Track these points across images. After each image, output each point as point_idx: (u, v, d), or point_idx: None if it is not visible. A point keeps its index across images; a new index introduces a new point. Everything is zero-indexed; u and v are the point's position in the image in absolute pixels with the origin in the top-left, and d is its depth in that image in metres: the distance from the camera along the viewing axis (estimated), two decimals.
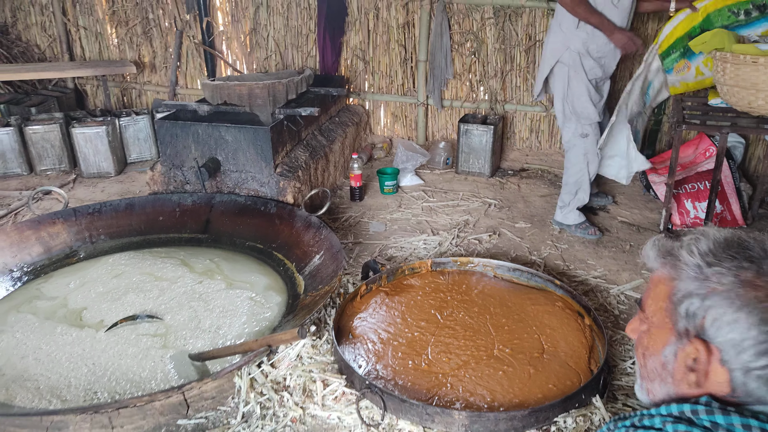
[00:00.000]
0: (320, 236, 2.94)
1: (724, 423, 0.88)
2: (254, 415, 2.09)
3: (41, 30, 5.44)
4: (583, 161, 3.38)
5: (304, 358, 2.31)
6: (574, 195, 3.45)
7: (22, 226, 3.01)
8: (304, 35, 4.82)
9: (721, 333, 0.93)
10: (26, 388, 2.16)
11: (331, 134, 4.17)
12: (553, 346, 2.36)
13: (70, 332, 2.46)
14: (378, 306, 2.60)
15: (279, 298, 2.74)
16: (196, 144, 3.46)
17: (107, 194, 4.11)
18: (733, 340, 0.92)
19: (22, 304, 2.68)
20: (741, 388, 0.93)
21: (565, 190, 3.49)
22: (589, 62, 3.20)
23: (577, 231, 3.46)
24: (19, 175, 4.36)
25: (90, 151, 4.36)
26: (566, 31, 3.18)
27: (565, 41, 3.19)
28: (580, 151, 3.36)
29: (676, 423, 0.90)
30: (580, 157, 3.37)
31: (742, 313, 0.91)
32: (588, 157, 3.37)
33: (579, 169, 3.40)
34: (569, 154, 3.43)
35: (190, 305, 2.63)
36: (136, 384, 2.21)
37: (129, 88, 5.49)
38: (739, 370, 0.92)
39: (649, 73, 3.36)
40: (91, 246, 3.19)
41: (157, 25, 5.15)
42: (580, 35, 3.15)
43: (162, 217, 3.36)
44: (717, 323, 0.93)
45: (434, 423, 1.98)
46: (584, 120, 3.30)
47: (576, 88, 3.23)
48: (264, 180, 3.42)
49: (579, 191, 3.43)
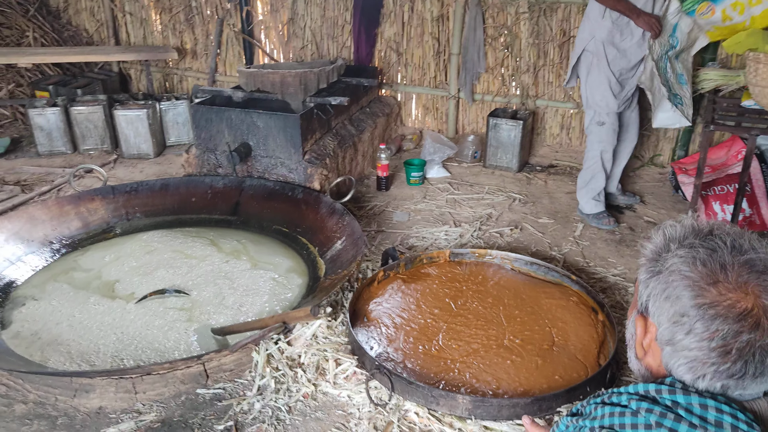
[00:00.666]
0: (343, 222, 3.03)
1: (684, 402, 0.93)
2: (269, 389, 2.19)
3: (90, 15, 5.67)
4: (597, 148, 3.44)
5: (320, 337, 2.41)
6: (587, 182, 3.52)
7: (62, 201, 3.18)
8: (339, 26, 4.90)
9: (656, 312, 1.00)
10: (59, 351, 2.31)
11: (361, 124, 4.25)
12: (564, 339, 2.40)
13: (102, 302, 2.61)
14: (394, 292, 2.67)
15: (300, 280, 2.84)
16: (229, 129, 3.58)
17: (145, 174, 4.28)
18: (664, 320, 0.98)
19: (59, 274, 2.85)
20: (671, 367, 0.98)
21: (581, 173, 3.60)
22: (613, 52, 3.24)
23: (593, 221, 3.52)
24: (63, 154, 4.58)
25: (131, 132, 4.54)
26: (593, 20, 3.25)
27: (591, 30, 3.26)
28: (596, 138, 3.43)
29: (641, 401, 0.95)
30: (595, 144, 3.44)
31: (674, 296, 0.96)
32: (602, 146, 3.42)
33: (593, 156, 3.46)
34: (588, 140, 3.53)
35: (215, 282, 2.75)
36: (161, 353, 2.34)
37: (171, 74, 5.67)
38: (667, 350, 0.98)
39: (668, 15, 3.30)
40: (127, 223, 3.34)
41: (199, 12, 5.30)
42: (605, 24, 3.20)
43: (194, 198, 3.49)
44: (655, 303, 0.99)
45: (439, 405, 2.04)
46: (600, 109, 3.35)
47: (596, 77, 3.31)
48: (292, 166, 3.52)
49: (592, 179, 3.49)
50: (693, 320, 0.94)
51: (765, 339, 0.91)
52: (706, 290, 0.94)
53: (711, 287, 0.94)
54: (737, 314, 0.92)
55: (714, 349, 0.93)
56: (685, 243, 1.01)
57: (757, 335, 0.91)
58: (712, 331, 0.93)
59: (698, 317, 0.94)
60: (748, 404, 0.96)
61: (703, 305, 0.94)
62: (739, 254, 0.97)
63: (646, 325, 1.05)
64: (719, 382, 0.95)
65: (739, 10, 3.17)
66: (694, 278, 0.96)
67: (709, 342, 0.93)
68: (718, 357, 0.93)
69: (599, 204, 3.53)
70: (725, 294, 0.93)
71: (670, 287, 0.98)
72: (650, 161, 4.45)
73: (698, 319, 0.94)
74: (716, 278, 0.95)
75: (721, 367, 0.93)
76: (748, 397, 0.96)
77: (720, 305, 0.93)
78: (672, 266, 0.99)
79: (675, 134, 4.36)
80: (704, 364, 0.94)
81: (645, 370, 1.08)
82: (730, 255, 0.97)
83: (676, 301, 0.97)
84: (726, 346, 0.92)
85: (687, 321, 0.95)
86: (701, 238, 1.00)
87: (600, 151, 3.42)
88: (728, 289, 0.94)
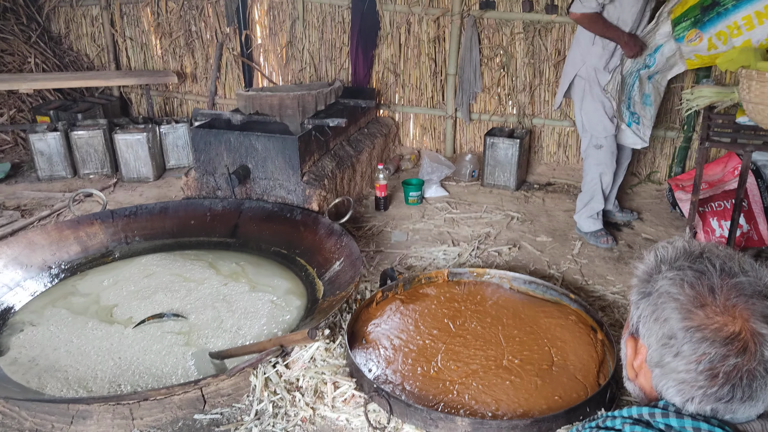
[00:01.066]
0: (341, 243, 3.03)
1: (677, 426, 0.92)
2: (267, 414, 2.18)
3: (91, 40, 5.74)
4: (596, 171, 3.46)
5: (318, 360, 2.40)
6: (586, 203, 3.55)
7: (61, 226, 3.19)
8: (337, 48, 4.95)
9: (646, 333, 1.00)
10: (56, 377, 2.31)
11: (359, 145, 4.27)
12: (563, 359, 2.39)
13: (100, 327, 2.60)
14: (392, 313, 2.67)
15: (299, 302, 2.84)
16: (228, 151, 3.60)
17: (145, 198, 4.30)
18: (653, 342, 0.98)
19: (58, 299, 2.85)
20: (660, 389, 0.98)
21: (580, 196, 3.62)
22: (605, 77, 3.27)
23: (590, 239, 3.54)
24: (63, 178, 4.60)
25: (131, 156, 4.57)
26: (583, 46, 3.28)
27: (582, 56, 3.30)
28: (593, 162, 3.46)
29: (634, 425, 0.95)
30: (593, 167, 3.47)
31: (663, 318, 0.96)
32: (601, 168, 3.45)
33: (592, 179, 3.49)
34: (585, 164, 3.55)
35: (214, 306, 2.75)
36: (158, 378, 2.33)
37: (171, 97, 5.72)
38: (656, 372, 0.98)
39: (656, 35, 3.33)
40: (126, 246, 3.35)
41: (199, 37, 5.36)
42: (596, 50, 3.24)
43: (194, 221, 3.50)
44: (645, 324, 0.99)
45: (438, 428, 2.03)
46: (598, 133, 3.39)
47: (590, 103, 3.35)
48: (291, 187, 3.53)
49: (591, 201, 3.52)
50: (681, 343, 0.94)
51: (752, 363, 0.91)
52: (694, 313, 0.94)
53: (699, 310, 0.94)
54: (724, 338, 0.91)
55: (701, 372, 0.93)
56: (675, 265, 1.01)
57: (744, 359, 0.91)
58: (700, 354, 0.93)
59: (686, 340, 0.94)
60: (742, 426, 0.95)
61: (690, 328, 0.94)
62: (728, 277, 0.97)
63: (636, 347, 1.05)
64: (708, 406, 0.94)
65: (723, 40, 3.22)
66: (682, 300, 0.96)
67: (697, 365, 0.93)
68: (705, 380, 0.93)
69: (597, 222, 3.54)
70: (712, 317, 0.93)
71: (659, 309, 0.98)
72: (647, 178, 4.47)
73: (686, 342, 0.94)
74: (704, 301, 0.95)
75: (708, 391, 0.93)
76: (742, 420, 0.96)
77: (707, 328, 0.93)
78: (661, 288, 0.99)
79: (671, 151, 4.38)
80: (692, 386, 0.94)
81: (639, 391, 1.08)
82: (719, 278, 0.97)
83: (665, 323, 0.97)
84: (713, 370, 0.92)
85: (675, 343, 0.95)
86: (691, 260, 1.01)
87: (599, 174, 3.45)
88: (716, 312, 0.94)
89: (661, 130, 4.35)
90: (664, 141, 4.39)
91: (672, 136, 4.34)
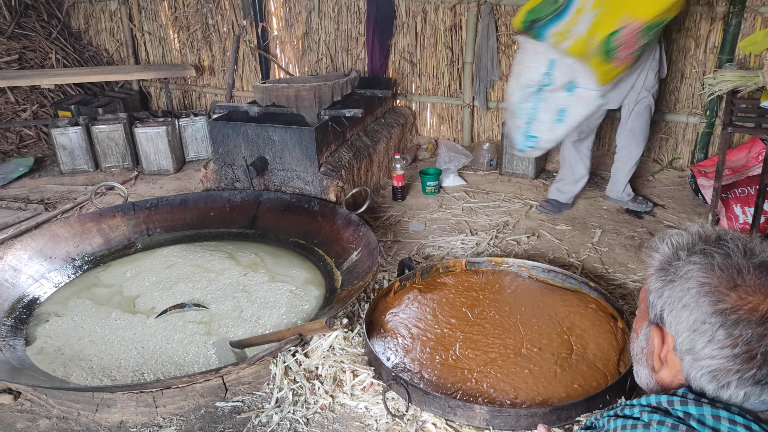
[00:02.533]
0: (359, 233, 3.04)
1: (696, 413, 0.91)
2: (287, 401, 2.20)
3: (110, 35, 5.80)
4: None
5: (336, 349, 2.41)
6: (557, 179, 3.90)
7: (84, 219, 3.25)
8: (353, 38, 4.94)
9: (673, 322, 0.98)
10: (81, 366, 2.35)
11: (375, 135, 4.27)
12: (583, 347, 2.37)
13: (123, 317, 2.65)
14: (410, 302, 2.67)
15: (317, 291, 2.86)
16: (245, 143, 3.62)
17: (165, 190, 4.35)
18: (682, 330, 0.96)
19: (81, 290, 2.90)
20: (692, 378, 0.96)
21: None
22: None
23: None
24: (86, 172, 4.67)
25: (151, 149, 4.62)
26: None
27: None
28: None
29: (653, 413, 0.94)
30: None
31: (693, 304, 0.94)
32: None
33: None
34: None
35: (234, 296, 2.78)
36: (180, 367, 2.37)
37: (190, 91, 5.76)
38: (687, 360, 0.96)
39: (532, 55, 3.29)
40: (147, 238, 3.40)
41: (216, 30, 5.39)
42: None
43: (213, 212, 3.54)
44: (671, 312, 0.97)
45: (456, 416, 2.04)
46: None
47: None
48: (308, 178, 3.55)
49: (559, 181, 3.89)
50: (714, 327, 0.92)
51: None
52: (727, 295, 0.93)
53: (731, 292, 0.92)
54: (760, 317, 0.90)
55: (738, 356, 0.91)
56: (696, 250, 0.99)
57: None
58: (735, 336, 0.91)
59: (719, 323, 0.92)
60: (764, 415, 0.94)
61: (724, 311, 0.92)
62: (752, 257, 0.95)
63: (663, 336, 1.02)
64: (743, 390, 0.92)
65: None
66: (714, 284, 0.94)
67: (732, 348, 0.91)
68: (742, 363, 0.91)
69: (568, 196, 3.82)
70: (745, 298, 0.92)
71: (688, 295, 0.96)
72: (669, 164, 4.40)
73: (720, 326, 0.92)
74: (735, 282, 0.93)
75: (746, 374, 0.91)
76: (764, 407, 0.94)
77: (741, 309, 0.91)
78: (687, 273, 0.97)
79: (694, 137, 4.31)
80: (728, 372, 0.92)
81: (655, 385, 1.06)
82: (744, 258, 0.95)
83: (695, 309, 0.95)
84: (750, 351, 0.90)
85: (708, 328, 0.93)
86: (713, 244, 0.99)
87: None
88: (748, 292, 0.92)
89: (683, 116, 4.28)
90: (687, 127, 4.32)
91: (694, 122, 4.27)
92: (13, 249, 2.92)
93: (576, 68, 3.11)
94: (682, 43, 4.11)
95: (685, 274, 0.97)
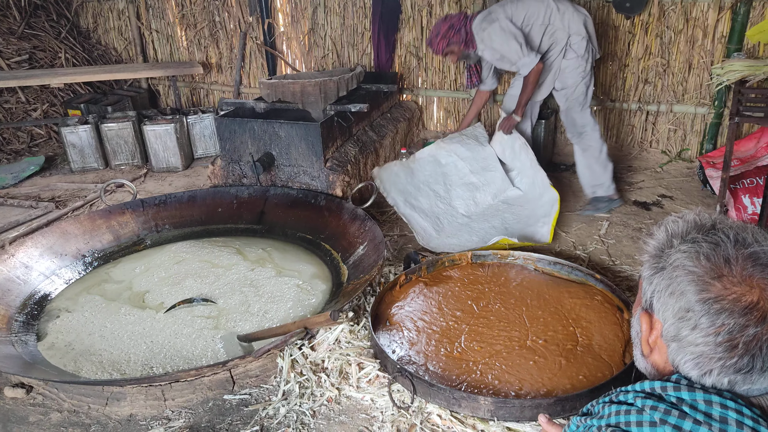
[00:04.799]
0: (365, 228, 3.06)
1: (689, 399, 0.92)
2: (293, 394, 2.23)
3: (118, 34, 5.85)
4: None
5: (342, 342, 2.43)
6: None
7: (94, 216, 3.29)
8: (359, 33, 4.95)
9: (661, 308, 0.99)
10: (91, 361, 2.39)
11: (382, 130, 4.28)
12: (588, 339, 2.38)
13: (132, 312, 2.69)
14: (416, 295, 2.69)
15: (324, 285, 2.88)
16: (252, 140, 3.64)
17: (174, 187, 4.39)
18: (669, 316, 0.97)
19: (92, 286, 2.94)
20: (677, 364, 0.97)
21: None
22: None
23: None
24: (96, 169, 4.72)
25: (160, 147, 4.66)
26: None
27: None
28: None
29: (646, 398, 0.95)
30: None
31: (679, 292, 0.95)
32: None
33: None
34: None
35: (241, 290, 2.81)
36: (189, 361, 2.40)
37: (197, 88, 5.80)
38: (672, 346, 0.97)
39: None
40: (156, 234, 3.43)
41: (222, 27, 5.41)
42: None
43: (221, 208, 3.57)
44: (660, 299, 0.98)
45: (461, 407, 2.05)
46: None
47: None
48: (315, 174, 3.57)
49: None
50: (698, 315, 0.94)
51: None
52: (711, 284, 0.94)
53: (716, 281, 0.93)
54: (743, 308, 0.91)
55: (720, 344, 0.92)
56: (687, 238, 1.00)
57: (764, 329, 0.90)
58: (718, 325, 0.92)
59: (703, 312, 0.93)
60: (756, 400, 0.94)
61: (708, 300, 0.93)
62: (742, 247, 0.96)
63: (651, 322, 1.04)
64: (726, 378, 0.94)
65: None
66: (699, 273, 0.95)
67: (715, 337, 0.92)
68: (724, 352, 0.92)
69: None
70: (730, 288, 0.93)
71: (674, 282, 0.97)
72: (678, 156, 4.37)
73: (704, 314, 0.93)
74: (720, 272, 0.94)
75: (728, 362, 0.93)
76: (756, 393, 0.95)
77: (725, 299, 0.92)
78: (675, 261, 0.98)
79: (702, 128, 4.28)
80: (711, 359, 0.94)
81: (651, 368, 1.07)
82: (734, 248, 0.96)
83: (681, 297, 0.96)
84: (732, 341, 0.91)
85: (692, 316, 0.94)
86: (704, 232, 1.00)
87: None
88: (733, 282, 0.93)
89: (691, 107, 4.25)
90: (695, 118, 4.29)
91: (702, 113, 4.24)
92: (25, 246, 2.96)
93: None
94: (690, 33, 4.07)
95: (674, 262, 0.98)
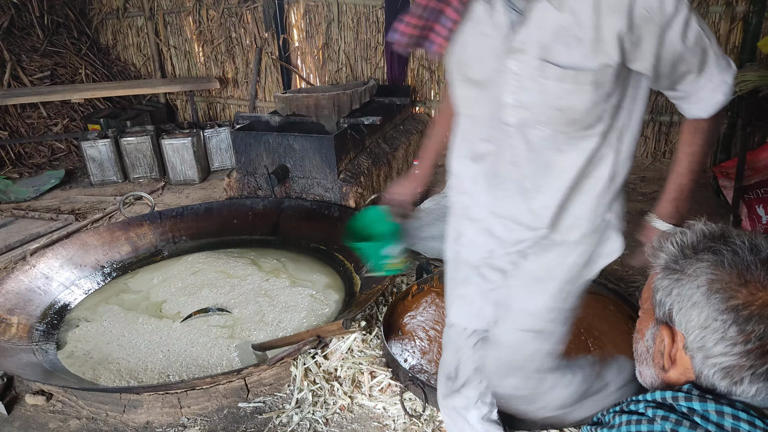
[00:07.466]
0: None
1: (700, 409, 0.91)
2: (307, 402, 2.26)
3: (137, 50, 5.98)
4: None
5: (355, 351, 2.46)
6: None
7: (113, 228, 3.36)
8: (372, 48, 5.02)
9: (683, 320, 0.97)
10: (109, 369, 2.44)
11: (394, 142, 4.32)
12: (600, 349, 2.38)
13: (150, 322, 2.74)
14: (428, 305, 2.71)
15: (337, 296, 2.91)
16: (267, 152, 3.71)
17: (191, 199, 4.46)
18: (693, 328, 0.96)
19: (110, 296, 3.00)
20: (703, 376, 0.96)
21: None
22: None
23: None
24: (114, 183, 4.82)
25: (177, 160, 4.74)
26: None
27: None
28: None
29: (657, 408, 0.94)
30: None
31: (702, 302, 0.94)
32: None
33: None
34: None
35: (256, 300, 2.85)
36: (204, 369, 2.44)
37: (214, 102, 5.90)
38: (698, 358, 0.96)
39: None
40: (173, 246, 3.50)
41: (239, 43, 5.52)
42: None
43: (236, 220, 3.62)
44: (681, 311, 0.96)
45: None
46: None
47: None
48: (328, 185, 3.61)
49: None
50: (726, 324, 0.92)
51: None
52: (738, 291, 0.92)
53: (742, 288, 0.92)
54: None
55: (751, 351, 0.91)
56: (702, 247, 1.00)
57: None
58: (748, 332, 0.90)
59: (732, 320, 0.91)
60: None
61: (736, 307, 0.91)
62: (758, 253, 0.95)
63: (672, 335, 1.01)
64: (755, 386, 0.92)
65: None
66: (724, 280, 0.94)
67: (745, 344, 0.91)
68: (755, 359, 0.91)
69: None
70: (756, 294, 0.91)
71: (698, 292, 0.96)
72: None
73: (732, 322, 0.91)
74: (745, 278, 0.93)
75: (759, 370, 0.91)
76: None
77: (753, 305, 0.91)
78: (696, 271, 0.96)
79: (716, 138, 4.27)
80: (741, 368, 0.92)
81: (661, 384, 1.05)
82: (751, 255, 0.95)
83: (706, 306, 0.94)
84: (764, 347, 0.90)
85: (719, 325, 0.92)
86: (721, 241, 1.00)
87: None
88: (758, 288, 0.91)
89: None
90: None
91: None
92: (45, 257, 3.03)
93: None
94: None
95: (694, 272, 0.97)
